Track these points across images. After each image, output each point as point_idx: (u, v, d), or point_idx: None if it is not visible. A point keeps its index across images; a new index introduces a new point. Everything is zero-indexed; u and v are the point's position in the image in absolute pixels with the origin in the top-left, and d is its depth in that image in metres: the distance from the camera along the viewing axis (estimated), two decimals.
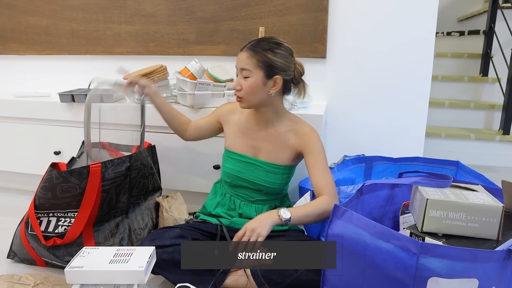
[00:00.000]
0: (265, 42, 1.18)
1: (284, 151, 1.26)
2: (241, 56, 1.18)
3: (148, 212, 1.42)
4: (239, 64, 1.18)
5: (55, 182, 1.23)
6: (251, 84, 1.16)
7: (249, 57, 1.16)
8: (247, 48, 1.17)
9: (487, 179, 1.25)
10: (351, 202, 1.01)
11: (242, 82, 1.17)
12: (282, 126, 1.26)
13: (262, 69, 1.16)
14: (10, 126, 1.83)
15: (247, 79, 1.17)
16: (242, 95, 1.18)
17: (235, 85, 1.19)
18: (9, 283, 1.10)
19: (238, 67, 1.19)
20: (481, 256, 0.74)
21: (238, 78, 1.19)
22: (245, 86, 1.17)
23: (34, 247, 1.28)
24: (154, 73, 1.60)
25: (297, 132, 1.25)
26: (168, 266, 1.10)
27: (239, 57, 1.18)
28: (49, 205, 1.26)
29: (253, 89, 1.17)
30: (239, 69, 1.18)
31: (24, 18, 2.03)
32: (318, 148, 1.22)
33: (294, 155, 1.26)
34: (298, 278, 1.07)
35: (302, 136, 1.23)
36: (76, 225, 1.24)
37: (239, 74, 1.19)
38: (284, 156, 1.26)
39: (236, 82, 1.19)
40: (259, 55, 1.15)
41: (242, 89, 1.18)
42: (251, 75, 1.16)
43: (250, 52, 1.16)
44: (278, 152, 1.26)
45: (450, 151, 2.34)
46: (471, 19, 3.24)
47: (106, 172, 1.26)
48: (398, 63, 1.65)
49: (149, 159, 1.44)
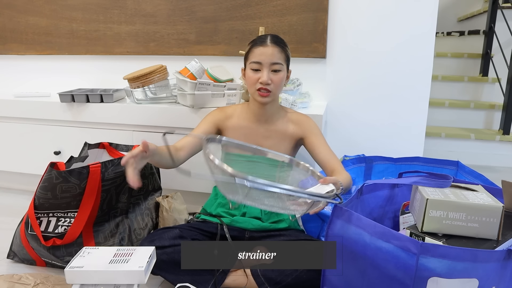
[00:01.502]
0: (280, 38, 1.23)
1: (284, 141, 1.29)
2: (269, 50, 1.18)
3: (148, 212, 1.42)
4: (271, 59, 1.18)
5: (54, 182, 1.22)
6: (282, 77, 1.21)
7: (280, 52, 1.19)
8: (274, 43, 1.19)
9: (487, 179, 1.26)
10: (351, 202, 1.01)
11: (271, 76, 1.19)
12: (279, 119, 1.30)
13: (286, 63, 1.22)
14: (10, 126, 1.83)
15: (278, 72, 1.20)
16: (272, 88, 1.20)
17: (266, 79, 1.18)
18: (9, 283, 1.10)
19: (267, 61, 1.18)
20: (481, 256, 0.74)
21: (267, 72, 1.18)
22: (277, 80, 1.20)
23: (34, 247, 1.28)
24: (154, 73, 1.61)
25: (293, 120, 1.30)
26: (167, 267, 1.10)
27: (266, 52, 1.18)
28: (49, 205, 1.26)
29: (282, 82, 1.23)
30: (269, 63, 1.18)
31: (24, 18, 2.03)
32: (317, 130, 1.29)
33: (293, 144, 1.30)
34: (298, 277, 1.07)
35: (300, 122, 1.30)
36: (76, 225, 1.24)
37: (266, 69, 1.18)
38: (284, 147, 1.29)
39: (266, 76, 1.18)
40: (285, 49, 1.21)
41: (272, 83, 1.19)
42: (282, 69, 1.20)
43: (279, 48, 1.19)
44: (278, 145, 1.28)
45: (450, 151, 2.33)
46: (471, 19, 3.24)
47: (106, 172, 1.26)
48: (398, 63, 1.65)
49: None
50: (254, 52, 1.20)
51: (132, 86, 1.64)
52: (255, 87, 1.20)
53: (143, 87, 1.63)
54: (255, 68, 1.20)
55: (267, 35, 1.23)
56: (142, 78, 1.60)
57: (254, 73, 1.20)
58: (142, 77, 1.60)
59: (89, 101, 1.69)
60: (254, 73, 1.20)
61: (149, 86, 1.64)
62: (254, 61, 1.19)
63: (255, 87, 1.20)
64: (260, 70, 1.19)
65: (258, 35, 1.25)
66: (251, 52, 1.21)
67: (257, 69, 1.20)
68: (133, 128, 1.68)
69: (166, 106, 1.62)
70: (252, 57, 1.20)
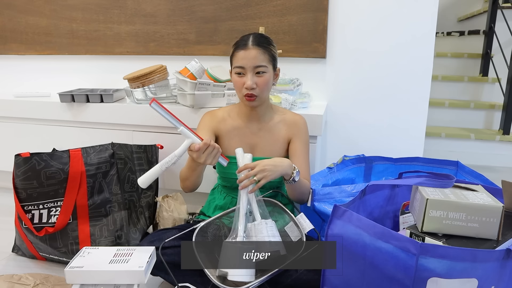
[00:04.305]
0: (263, 37, 1.19)
1: (278, 143, 1.28)
2: (251, 53, 1.15)
3: (142, 210, 1.43)
4: (253, 62, 1.15)
5: (38, 168, 1.26)
6: (267, 80, 1.18)
7: (262, 53, 1.16)
8: (256, 45, 1.15)
9: (487, 179, 1.26)
10: (353, 202, 1.01)
11: (256, 79, 1.16)
12: (272, 119, 1.29)
13: (271, 63, 1.19)
14: (10, 126, 1.83)
15: (263, 75, 1.17)
16: (258, 92, 1.17)
17: (251, 84, 1.15)
18: (9, 283, 1.10)
19: (250, 65, 1.15)
20: (480, 256, 0.74)
21: (251, 76, 1.15)
22: (262, 82, 1.17)
23: (32, 240, 1.32)
24: (154, 73, 1.61)
25: (286, 121, 1.29)
26: (167, 268, 1.10)
27: (248, 55, 1.15)
28: (37, 195, 1.28)
29: (268, 84, 1.19)
30: (252, 67, 1.15)
31: (24, 18, 2.03)
32: (305, 137, 1.28)
33: (286, 145, 1.30)
34: (298, 278, 1.06)
35: (292, 125, 1.28)
36: (64, 210, 1.27)
37: (249, 73, 1.16)
38: (278, 148, 1.28)
39: (250, 81, 1.15)
40: (268, 50, 1.17)
41: (258, 87, 1.17)
42: (267, 71, 1.17)
43: (262, 49, 1.16)
44: (272, 146, 1.28)
45: (450, 151, 2.34)
46: (471, 19, 3.24)
47: (88, 157, 1.31)
48: (398, 63, 1.65)
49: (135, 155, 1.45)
50: (237, 56, 1.17)
51: (132, 86, 1.64)
52: (241, 92, 1.19)
53: (143, 87, 1.63)
54: (239, 72, 1.18)
55: (249, 35, 1.19)
56: (142, 78, 1.60)
57: (239, 77, 1.18)
58: (142, 77, 1.60)
59: (89, 101, 1.69)
60: (239, 78, 1.18)
61: (149, 86, 1.64)
62: (237, 65, 1.17)
63: (241, 92, 1.19)
64: (244, 74, 1.17)
65: (241, 36, 1.21)
66: (234, 56, 1.19)
67: (242, 73, 1.17)
68: (133, 128, 1.68)
69: (166, 106, 1.61)
70: (235, 61, 1.18)
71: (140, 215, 1.42)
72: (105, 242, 1.30)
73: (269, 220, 1.07)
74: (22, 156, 1.27)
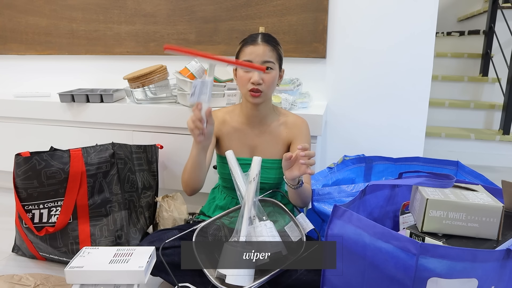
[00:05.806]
0: (271, 36, 1.21)
1: (278, 145, 1.27)
2: (260, 49, 1.15)
3: (142, 210, 1.43)
4: (262, 58, 1.15)
5: (38, 168, 1.26)
6: (274, 77, 1.18)
7: (271, 50, 1.17)
8: (265, 42, 1.17)
9: (487, 179, 1.25)
10: (353, 202, 1.01)
11: (263, 75, 1.16)
12: (273, 121, 1.28)
13: (278, 62, 1.20)
14: (10, 126, 1.84)
15: (270, 71, 1.17)
16: (263, 88, 1.17)
17: (258, 79, 1.15)
18: (10, 283, 1.10)
19: (258, 60, 1.15)
20: (480, 256, 0.74)
21: (258, 72, 1.15)
22: (268, 79, 1.17)
23: (32, 239, 1.32)
24: (154, 73, 1.61)
25: (288, 124, 1.28)
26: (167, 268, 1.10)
27: (257, 50, 1.15)
28: (37, 195, 1.28)
29: (274, 82, 1.19)
30: (260, 61, 1.15)
31: (24, 18, 2.03)
32: (305, 140, 1.27)
33: (286, 147, 1.29)
34: (298, 278, 1.06)
35: (293, 127, 1.27)
36: (65, 210, 1.27)
37: None
38: (278, 150, 1.28)
39: (257, 76, 1.15)
40: (276, 48, 1.19)
41: (264, 83, 1.17)
42: (274, 68, 1.18)
43: (270, 46, 1.17)
44: (272, 147, 1.27)
45: (450, 151, 2.34)
46: (471, 19, 3.24)
47: (88, 157, 1.30)
48: (398, 63, 1.65)
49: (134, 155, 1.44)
50: (245, 51, 1.17)
51: (132, 86, 1.64)
52: (246, 87, 1.18)
53: (143, 87, 1.63)
54: None
55: (258, 33, 1.21)
56: (142, 78, 1.60)
57: (245, 73, 1.17)
58: (142, 77, 1.60)
59: (89, 101, 1.69)
60: (245, 73, 1.17)
61: (149, 86, 1.65)
62: (245, 59, 1.17)
63: (246, 87, 1.18)
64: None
65: (250, 34, 1.23)
66: (242, 51, 1.19)
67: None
68: (133, 128, 1.68)
69: (166, 106, 1.62)
70: (243, 56, 1.18)
71: (140, 215, 1.42)
72: (105, 242, 1.30)
73: (268, 221, 1.07)
74: (23, 156, 1.27)
